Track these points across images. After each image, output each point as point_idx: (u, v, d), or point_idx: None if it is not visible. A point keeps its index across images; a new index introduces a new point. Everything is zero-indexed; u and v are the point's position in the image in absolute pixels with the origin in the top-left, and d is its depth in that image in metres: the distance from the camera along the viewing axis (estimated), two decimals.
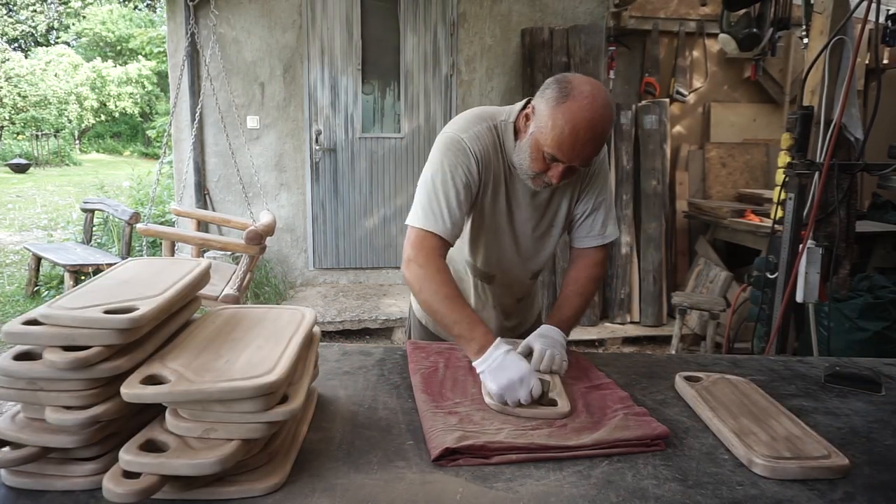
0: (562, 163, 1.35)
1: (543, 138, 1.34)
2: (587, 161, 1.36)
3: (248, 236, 3.32)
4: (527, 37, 4.72)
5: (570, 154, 1.32)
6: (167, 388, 0.87)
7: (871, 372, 1.47)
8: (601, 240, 1.61)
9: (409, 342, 1.57)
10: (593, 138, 1.31)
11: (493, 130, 1.47)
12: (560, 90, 1.31)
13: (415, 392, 1.28)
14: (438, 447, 1.03)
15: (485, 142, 1.45)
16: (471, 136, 1.44)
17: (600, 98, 1.30)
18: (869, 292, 3.38)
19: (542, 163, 1.38)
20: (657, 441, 1.12)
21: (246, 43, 4.68)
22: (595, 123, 1.29)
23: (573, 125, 1.29)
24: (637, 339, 4.56)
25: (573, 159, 1.34)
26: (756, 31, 3.78)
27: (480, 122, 1.47)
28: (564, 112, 1.29)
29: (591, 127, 1.29)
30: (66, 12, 25.82)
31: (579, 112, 1.28)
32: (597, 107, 1.29)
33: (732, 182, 5.13)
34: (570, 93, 1.30)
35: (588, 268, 1.61)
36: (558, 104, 1.30)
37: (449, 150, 1.43)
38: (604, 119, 1.30)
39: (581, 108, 1.28)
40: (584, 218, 1.60)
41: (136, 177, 7.62)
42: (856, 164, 2.61)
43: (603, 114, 1.30)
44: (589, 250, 1.62)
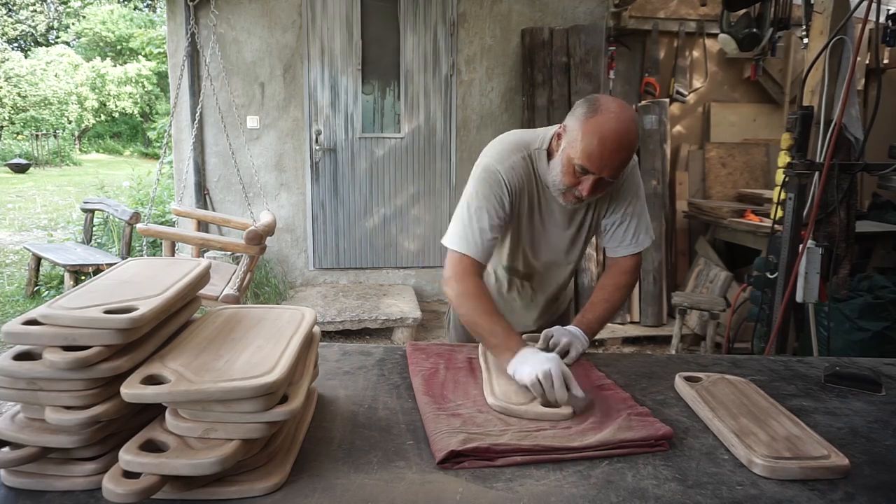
0: (591, 174, 1.44)
1: (574, 151, 1.43)
2: (615, 172, 1.44)
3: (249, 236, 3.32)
4: (527, 37, 4.72)
5: (599, 164, 1.41)
6: (167, 388, 0.87)
7: (871, 372, 1.47)
8: (633, 248, 1.70)
9: (409, 343, 1.59)
10: (620, 149, 1.40)
11: (527, 159, 1.59)
12: (589, 107, 1.43)
13: (416, 394, 1.28)
14: (443, 450, 1.03)
15: (519, 171, 1.57)
16: (506, 168, 1.56)
17: (626, 113, 1.42)
18: (869, 292, 3.38)
19: (572, 176, 1.47)
20: (661, 441, 1.12)
21: (246, 43, 4.68)
22: (621, 135, 1.39)
23: (601, 136, 1.39)
24: (637, 339, 4.55)
25: (602, 170, 1.42)
26: (756, 31, 3.78)
27: (516, 151, 1.59)
28: (592, 125, 1.40)
29: (617, 138, 1.39)
30: (65, 12, 25.83)
31: (606, 124, 1.39)
32: (623, 120, 1.40)
33: (732, 182, 5.13)
34: (598, 109, 1.41)
35: (617, 275, 1.71)
36: (587, 119, 1.41)
37: (485, 181, 1.56)
38: (629, 132, 1.40)
39: (608, 120, 1.39)
40: (615, 228, 1.69)
41: (136, 177, 7.62)
42: (856, 164, 2.60)
43: (629, 127, 1.40)
44: (621, 259, 1.72)
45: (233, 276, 3.43)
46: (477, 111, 4.92)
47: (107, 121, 22.43)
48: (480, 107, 4.94)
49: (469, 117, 4.92)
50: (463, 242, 1.54)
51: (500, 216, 1.55)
